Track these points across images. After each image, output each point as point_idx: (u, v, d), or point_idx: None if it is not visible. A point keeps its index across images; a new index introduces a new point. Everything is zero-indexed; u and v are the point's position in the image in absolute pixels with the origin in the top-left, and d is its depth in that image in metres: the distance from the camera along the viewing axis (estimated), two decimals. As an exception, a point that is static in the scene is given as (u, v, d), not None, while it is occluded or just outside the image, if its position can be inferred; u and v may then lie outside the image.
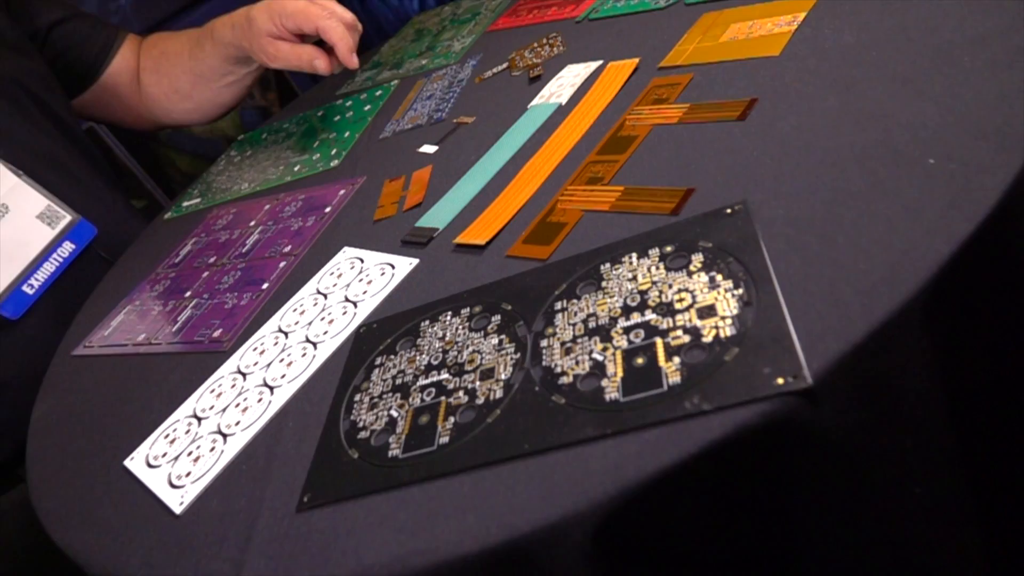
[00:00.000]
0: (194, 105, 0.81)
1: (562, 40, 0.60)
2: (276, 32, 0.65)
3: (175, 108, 0.82)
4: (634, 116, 0.45)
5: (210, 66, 0.75)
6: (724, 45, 0.47)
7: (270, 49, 0.66)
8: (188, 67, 0.77)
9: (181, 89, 0.79)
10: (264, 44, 0.66)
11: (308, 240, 0.53)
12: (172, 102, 0.81)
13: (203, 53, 0.75)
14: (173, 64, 0.79)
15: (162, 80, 0.81)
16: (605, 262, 0.35)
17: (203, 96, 0.79)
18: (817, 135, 0.36)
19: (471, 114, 0.58)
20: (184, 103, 0.81)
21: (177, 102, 0.81)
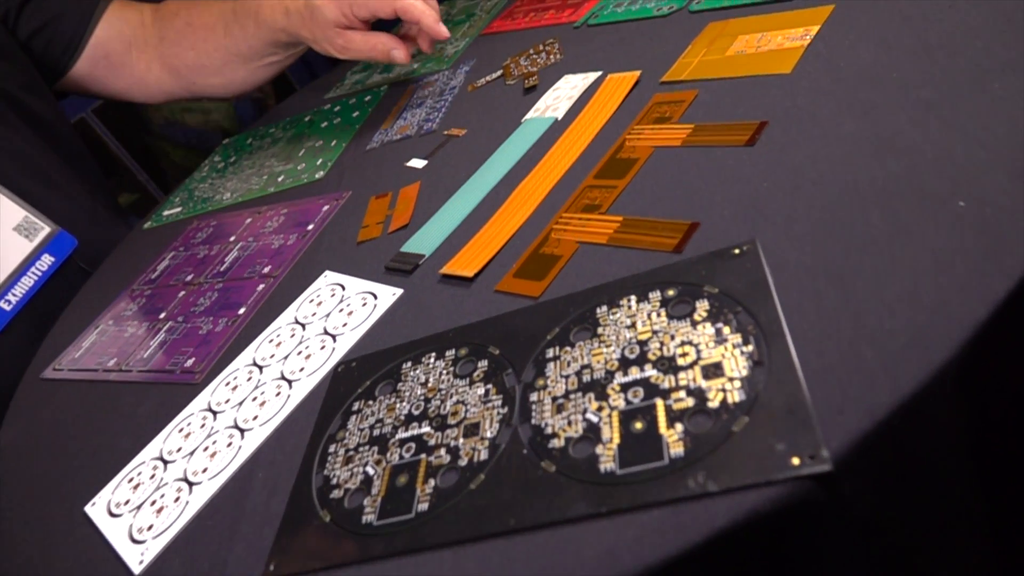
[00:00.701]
0: (223, 80, 0.75)
1: (559, 47, 0.57)
2: (345, 22, 0.59)
3: (200, 81, 0.76)
4: (634, 135, 0.42)
5: (251, 47, 0.69)
6: (731, 59, 0.44)
7: (339, 41, 0.60)
8: (221, 44, 0.71)
9: (210, 64, 0.73)
10: (332, 36, 0.60)
11: (288, 261, 0.51)
12: (197, 75, 0.75)
13: (243, 33, 0.68)
14: (202, 38, 0.72)
15: (186, 53, 0.74)
16: (601, 304, 0.32)
17: (236, 74, 0.73)
18: (833, 166, 0.33)
19: (462, 126, 0.55)
20: (212, 78, 0.75)
21: (204, 76, 0.75)
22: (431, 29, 0.58)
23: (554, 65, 0.56)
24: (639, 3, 0.56)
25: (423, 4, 0.58)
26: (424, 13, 0.58)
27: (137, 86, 0.79)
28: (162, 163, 2.25)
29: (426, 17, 0.58)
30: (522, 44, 0.62)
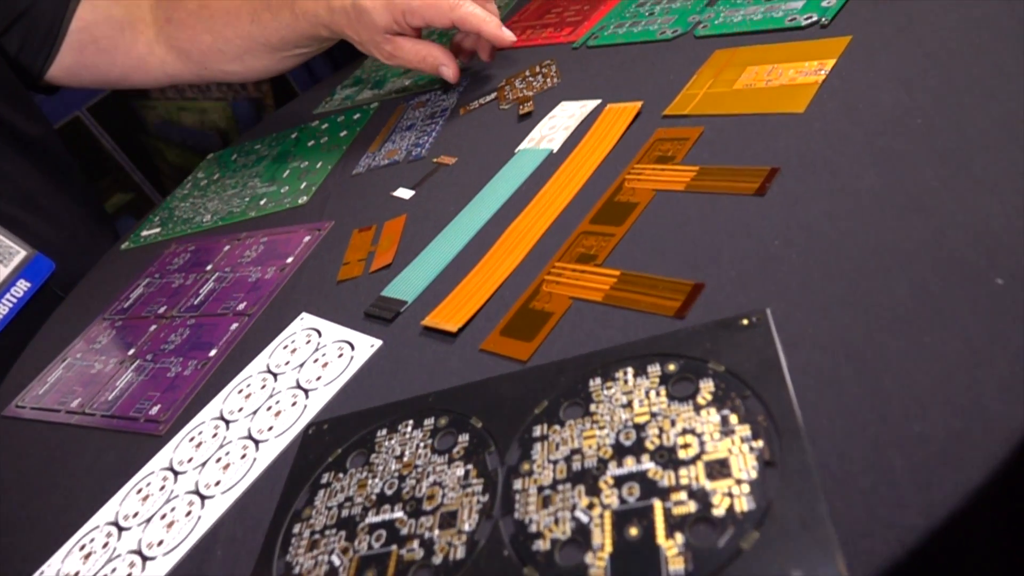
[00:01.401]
0: (242, 68, 0.69)
1: (556, 70, 0.54)
2: (396, 29, 0.56)
3: (214, 67, 0.70)
4: (634, 176, 0.39)
5: (283, 38, 0.63)
6: (739, 94, 0.41)
7: (388, 47, 0.57)
8: (246, 31, 0.65)
9: (229, 51, 0.67)
10: (380, 41, 0.57)
11: (265, 298, 0.48)
12: (212, 61, 0.70)
13: (276, 23, 0.63)
14: (222, 22, 0.66)
15: (200, 36, 0.68)
16: (595, 376, 0.29)
17: (257, 63, 0.67)
18: (852, 225, 0.30)
19: (453, 153, 0.52)
20: (230, 65, 0.69)
21: (220, 62, 0.69)
22: (495, 37, 0.55)
23: (551, 89, 0.52)
24: (641, 25, 0.53)
25: (482, 11, 0.54)
26: (484, 22, 0.54)
27: (136, 70, 0.73)
28: (157, 162, 2.22)
29: (487, 26, 0.54)
30: (518, 63, 0.59)
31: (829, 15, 0.43)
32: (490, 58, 0.59)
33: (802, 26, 0.43)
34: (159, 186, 2.13)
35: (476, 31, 0.55)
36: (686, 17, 0.51)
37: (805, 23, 0.43)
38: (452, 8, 0.54)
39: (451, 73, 0.58)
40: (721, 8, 0.50)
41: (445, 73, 0.58)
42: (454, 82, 0.58)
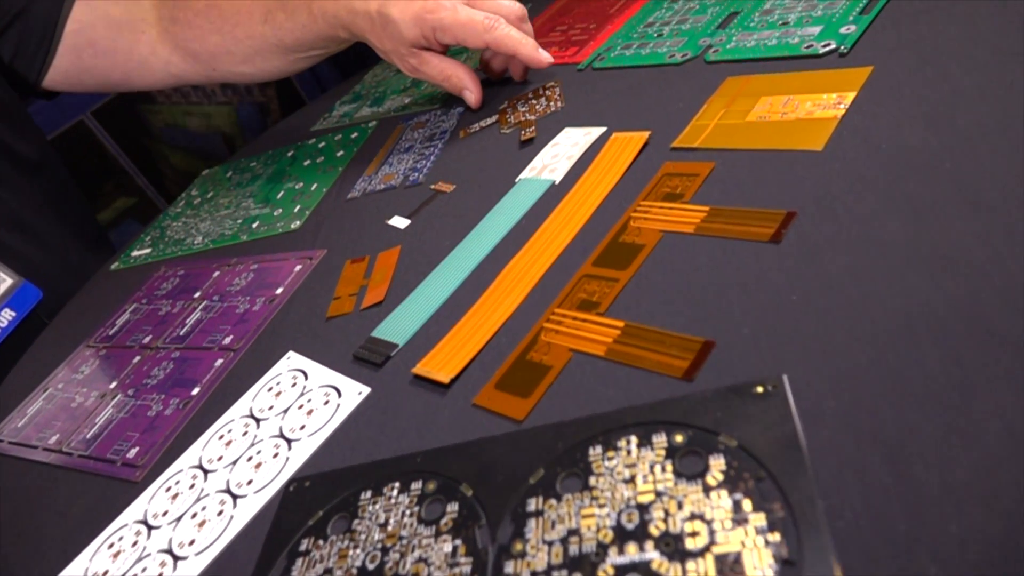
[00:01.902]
0: (253, 69, 0.66)
1: (561, 92, 0.52)
2: (424, 44, 0.54)
3: (224, 68, 0.67)
4: (640, 214, 0.37)
5: (298, 39, 0.60)
6: (752, 127, 0.38)
7: (413, 60, 0.55)
8: (257, 31, 0.62)
9: (239, 52, 0.64)
10: (405, 54, 0.55)
11: (252, 332, 0.45)
12: (221, 62, 0.66)
13: (291, 23, 0.60)
14: (231, 22, 0.63)
15: (207, 37, 0.65)
16: (596, 443, 0.27)
17: (270, 64, 0.64)
18: (876, 280, 0.27)
19: (451, 180, 0.50)
20: (240, 66, 0.66)
21: (230, 64, 0.66)
22: (532, 60, 0.52)
23: (554, 114, 0.50)
24: (650, 47, 0.51)
25: (518, 33, 0.52)
26: (520, 44, 0.52)
27: (138, 72, 0.70)
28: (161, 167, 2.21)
29: (524, 48, 0.52)
30: (521, 84, 0.57)
31: (848, 43, 0.40)
32: (522, 78, 0.57)
33: (819, 54, 0.41)
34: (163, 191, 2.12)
35: (512, 54, 0.53)
36: (696, 40, 0.49)
37: (823, 51, 0.41)
38: (487, 29, 0.51)
39: (474, 99, 0.56)
40: (733, 31, 0.47)
41: (467, 98, 0.56)
42: (475, 108, 0.56)
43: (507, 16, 0.53)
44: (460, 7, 0.52)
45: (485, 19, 0.51)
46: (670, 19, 0.53)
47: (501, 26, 0.51)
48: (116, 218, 2.10)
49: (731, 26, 0.48)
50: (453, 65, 0.55)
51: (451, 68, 0.55)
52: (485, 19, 0.51)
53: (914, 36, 0.38)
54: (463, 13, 0.51)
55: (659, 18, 0.54)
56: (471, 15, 0.51)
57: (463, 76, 0.55)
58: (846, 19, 0.42)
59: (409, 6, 0.52)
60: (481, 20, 0.51)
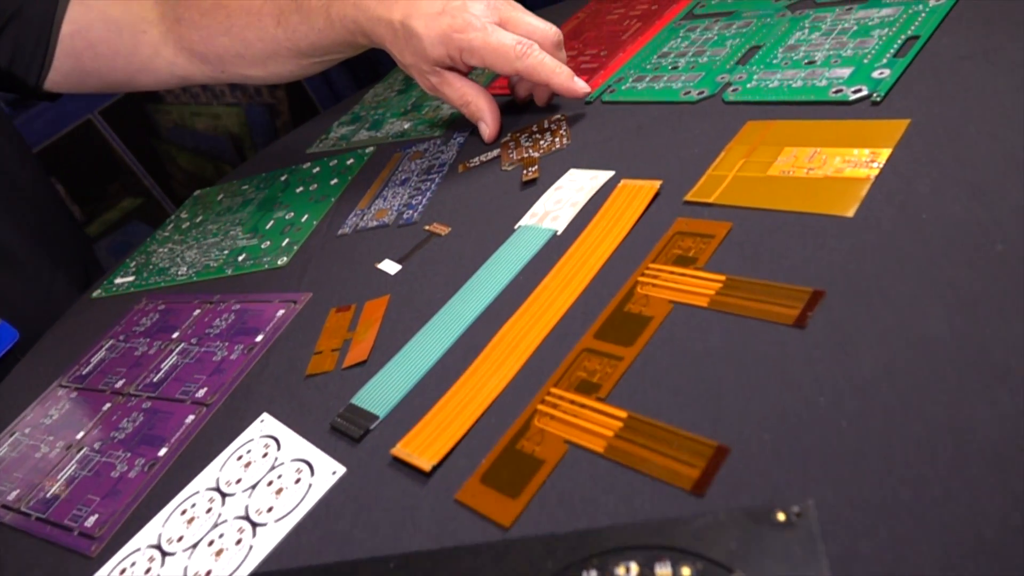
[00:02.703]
0: (265, 73, 0.62)
1: (567, 128, 0.48)
2: (448, 63, 0.50)
3: (233, 71, 0.63)
4: (649, 279, 0.33)
5: (313, 44, 0.56)
6: (774, 183, 0.35)
7: (434, 79, 0.51)
8: (270, 34, 0.58)
9: (250, 55, 0.60)
10: (426, 71, 0.51)
11: (227, 384, 0.42)
12: (230, 64, 0.63)
13: (306, 27, 0.56)
14: (241, 24, 0.60)
15: (215, 39, 0.61)
16: (590, 567, 0.23)
17: (283, 68, 0.61)
18: (918, 390, 0.24)
19: (447, 220, 0.46)
20: (251, 69, 0.62)
21: (240, 66, 0.62)
22: (566, 90, 0.48)
23: (559, 152, 0.47)
24: (663, 81, 0.47)
25: (552, 60, 0.48)
26: (554, 73, 0.48)
27: (142, 73, 0.67)
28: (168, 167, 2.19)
29: (558, 78, 0.48)
30: (525, 115, 0.53)
31: (882, 90, 0.37)
32: (546, 104, 0.53)
33: (849, 100, 0.37)
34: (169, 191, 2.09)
35: (545, 84, 0.49)
36: (714, 76, 0.45)
37: (853, 97, 0.37)
38: (519, 57, 0.47)
39: (488, 133, 0.52)
40: (755, 68, 0.44)
41: (482, 130, 0.52)
42: (488, 142, 0.52)
43: (541, 41, 0.48)
44: (492, 29, 0.47)
45: (518, 45, 0.47)
46: (686, 49, 0.49)
47: (534, 53, 0.47)
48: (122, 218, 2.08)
49: (752, 62, 0.44)
50: (475, 91, 0.51)
51: (472, 94, 0.51)
52: (518, 45, 0.47)
53: (957, 86, 0.35)
54: (494, 37, 0.47)
55: (675, 48, 0.50)
56: (502, 40, 0.47)
57: (483, 106, 0.51)
58: (879, 61, 0.39)
59: (436, 22, 0.48)
60: (513, 46, 0.47)
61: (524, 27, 0.48)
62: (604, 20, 0.60)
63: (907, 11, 0.41)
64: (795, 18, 0.46)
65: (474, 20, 0.47)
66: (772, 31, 0.46)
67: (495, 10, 0.48)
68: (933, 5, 0.41)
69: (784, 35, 0.45)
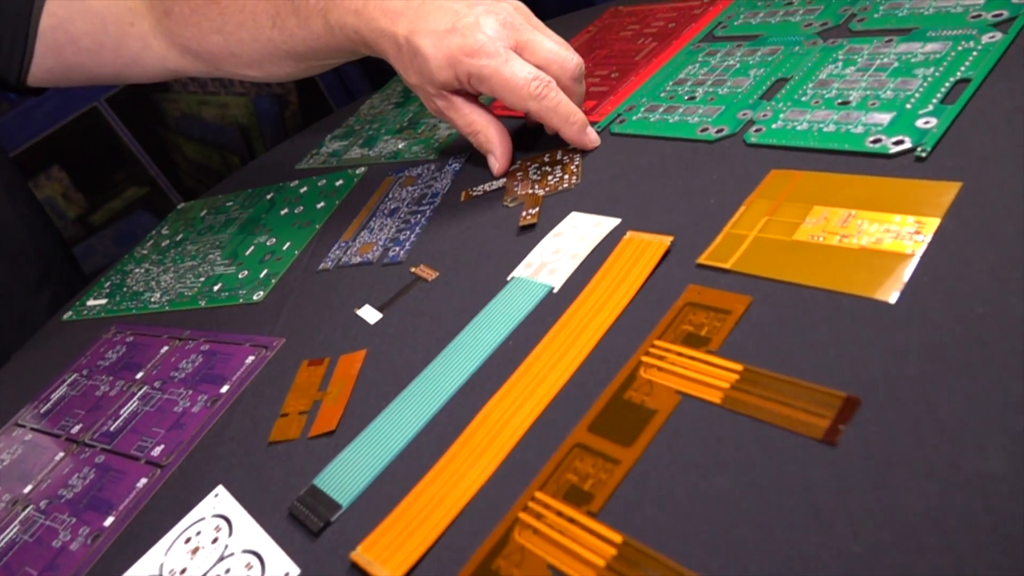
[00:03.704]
0: (262, 73, 0.58)
1: (579, 164, 0.44)
2: (456, 87, 0.45)
3: (229, 69, 0.59)
4: (653, 359, 0.29)
5: (311, 48, 0.52)
6: (801, 250, 0.30)
7: (440, 103, 0.46)
8: (265, 35, 0.54)
9: (245, 56, 0.57)
10: (432, 94, 0.46)
11: (185, 444, 0.38)
12: (225, 63, 0.59)
13: (304, 31, 0.52)
14: (234, 24, 0.56)
15: (207, 36, 0.58)
16: None
17: (280, 69, 0.57)
18: (974, 543, 0.19)
19: (435, 263, 0.42)
20: (247, 69, 0.58)
21: (235, 66, 0.58)
22: (575, 141, 0.45)
23: (564, 193, 0.42)
24: (679, 112, 0.43)
25: (566, 105, 0.43)
26: (566, 123, 0.43)
27: (132, 67, 0.63)
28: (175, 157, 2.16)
29: (568, 129, 0.44)
30: (534, 142, 0.49)
31: (928, 144, 0.32)
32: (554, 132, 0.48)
33: (889, 153, 0.33)
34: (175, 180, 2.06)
35: (554, 131, 0.44)
36: (735, 111, 0.41)
37: (894, 150, 0.33)
38: (533, 96, 0.42)
39: (498, 168, 0.47)
40: (781, 105, 0.39)
41: (491, 164, 0.47)
42: (497, 176, 0.47)
43: (559, 74, 0.43)
44: (506, 56, 0.42)
45: (534, 81, 0.42)
46: (705, 77, 0.45)
47: (550, 94, 0.42)
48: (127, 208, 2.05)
49: (778, 97, 0.40)
50: (485, 120, 0.46)
51: (482, 123, 0.46)
52: (534, 81, 0.42)
53: (1017, 142, 0.30)
54: (508, 69, 0.42)
55: (692, 75, 0.46)
56: (516, 73, 0.42)
57: (493, 138, 0.46)
58: (924, 107, 0.34)
59: (445, 41, 0.42)
60: (529, 82, 0.42)
61: (542, 55, 0.43)
62: (617, 36, 0.56)
63: (956, 48, 0.37)
64: (827, 48, 0.42)
65: (487, 44, 0.42)
66: (801, 62, 0.42)
67: (511, 30, 0.43)
68: (986, 42, 0.36)
69: (815, 67, 0.41)
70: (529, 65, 0.42)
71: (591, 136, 0.45)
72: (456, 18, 0.42)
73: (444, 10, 0.43)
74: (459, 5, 0.43)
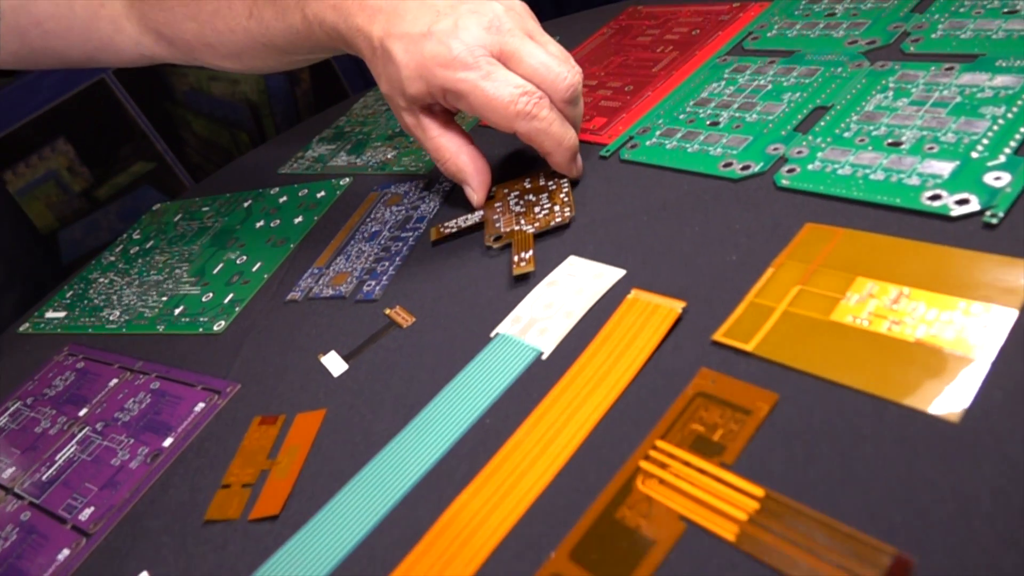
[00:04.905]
0: (242, 65, 0.53)
1: (569, 191, 0.38)
2: (429, 101, 0.39)
3: (207, 60, 0.54)
4: (655, 465, 0.24)
5: (292, 42, 0.47)
6: (841, 335, 0.25)
7: (409, 119, 0.40)
8: (242, 28, 0.49)
9: (221, 46, 0.52)
10: (402, 107, 0.40)
11: (117, 507, 0.33)
12: (201, 53, 0.54)
13: (281, 25, 0.47)
14: (209, 12, 0.51)
15: (181, 23, 0.53)
16: None
17: (261, 62, 0.52)
18: None
19: (413, 305, 0.37)
20: (225, 61, 0.53)
21: (212, 56, 0.54)
22: (563, 169, 0.39)
23: (557, 227, 0.37)
24: (699, 140, 0.37)
25: (560, 128, 0.37)
26: (558, 147, 0.37)
27: (104, 51, 0.59)
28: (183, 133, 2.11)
29: (556, 156, 0.38)
30: (523, 162, 0.43)
31: (1001, 207, 0.26)
32: None
33: (951, 215, 0.27)
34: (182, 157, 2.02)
35: (544, 155, 0.38)
36: (765, 144, 0.35)
37: (957, 211, 0.27)
38: (520, 116, 0.36)
39: (476, 199, 0.41)
40: (819, 140, 0.33)
41: (468, 195, 0.41)
42: (476, 207, 0.41)
43: (552, 90, 0.37)
44: (488, 69, 0.36)
45: (522, 97, 0.36)
46: (731, 99, 0.39)
47: (540, 114, 0.36)
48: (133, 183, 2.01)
49: (816, 130, 0.34)
50: (456, 145, 0.40)
51: (452, 151, 0.40)
52: (522, 97, 0.36)
53: (1113, 216, 0.25)
54: (490, 83, 0.36)
55: (716, 94, 0.40)
56: (499, 91, 0.36)
57: (465, 168, 0.40)
58: (994, 157, 0.28)
59: (418, 47, 0.37)
60: (513, 100, 0.36)
61: (531, 66, 0.36)
62: (634, 42, 0.50)
63: (1033, 83, 0.31)
64: (875, 72, 0.36)
65: (465, 54, 0.36)
66: (844, 88, 0.36)
67: (497, 34, 0.37)
68: (1071, 79, 0.30)
69: (860, 95, 0.35)
70: (516, 77, 0.36)
71: (579, 164, 0.39)
72: (434, 19, 0.36)
73: (424, 8, 0.37)
74: (442, 3, 0.37)
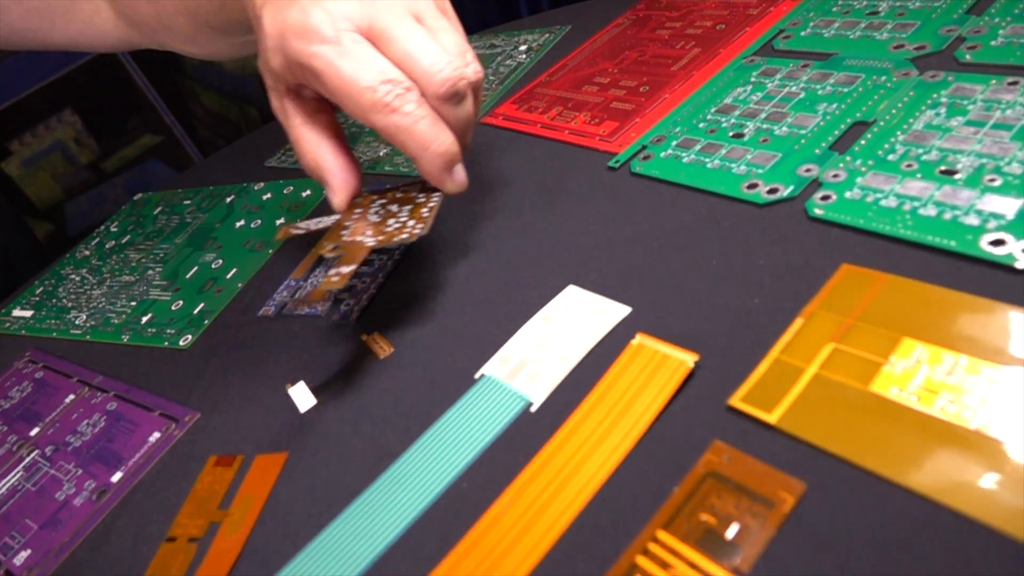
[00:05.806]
0: (201, 51, 0.48)
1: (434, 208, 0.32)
2: (293, 81, 0.32)
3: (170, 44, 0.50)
4: (654, 564, 0.20)
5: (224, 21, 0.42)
6: (882, 411, 0.21)
7: (275, 101, 0.34)
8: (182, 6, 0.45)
9: (176, 29, 0.47)
10: (269, 85, 0.34)
11: (55, 552, 0.30)
12: (164, 37, 0.50)
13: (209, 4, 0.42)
14: None
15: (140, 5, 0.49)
16: None
17: (216, 47, 0.47)
18: None
19: (391, 334, 0.33)
20: (186, 45, 0.48)
21: (173, 40, 0.49)
22: (432, 177, 0.32)
23: (401, 243, 0.33)
24: (720, 156, 0.33)
25: (429, 126, 0.30)
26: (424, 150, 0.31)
27: (85, 34, 0.55)
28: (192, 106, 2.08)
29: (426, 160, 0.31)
30: (520, 162, 0.39)
31: (1081, 261, 0.22)
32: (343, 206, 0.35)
33: (1016, 266, 0.23)
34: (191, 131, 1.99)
35: (411, 158, 0.31)
36: (795, 164, 0.31)
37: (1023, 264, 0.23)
38: (376, 108, 0.30)
39: (336, 202, 0.34)
40: (859, 163, 0.29)
41: (329, 197, 0.34)
42: (336, 211, 0.34)
43: (424, 83, 0.30)
44: (351, 46, 0.30)
45: (383, 85, 0.29)
46: (758, 107, 0.35)
47: (403, 108, 0.30)
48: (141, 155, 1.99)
49: (856, 150, 0.30)
50: (319, 140, 0.33)
51: (312, 143, 0.33)
52: (383, 85, 0.29)
53: None
54: (348, 64, 0.29)
55: (742, 100, 0.36)
56: (357, 73, 0.29)
57: (324, 164, 0.33)
58: (1070, 195, 0.24)
59: (283, 14, 0.31)
60: (373, 87, 0.29)
61: (402, 50, 0.30)
62: (652, 35, 0.45)
63: (1115, 106, 0.26)
64: (925, 84, 0.31)
65: (324, 24, 0.29)
66: (889, 100, 0.31)
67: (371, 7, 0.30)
68: None
69: (908, 111, 0.30)
70: (383, 61, 0.30)
71: (456, 177, 0.32)
72: None
73: None
74: None
